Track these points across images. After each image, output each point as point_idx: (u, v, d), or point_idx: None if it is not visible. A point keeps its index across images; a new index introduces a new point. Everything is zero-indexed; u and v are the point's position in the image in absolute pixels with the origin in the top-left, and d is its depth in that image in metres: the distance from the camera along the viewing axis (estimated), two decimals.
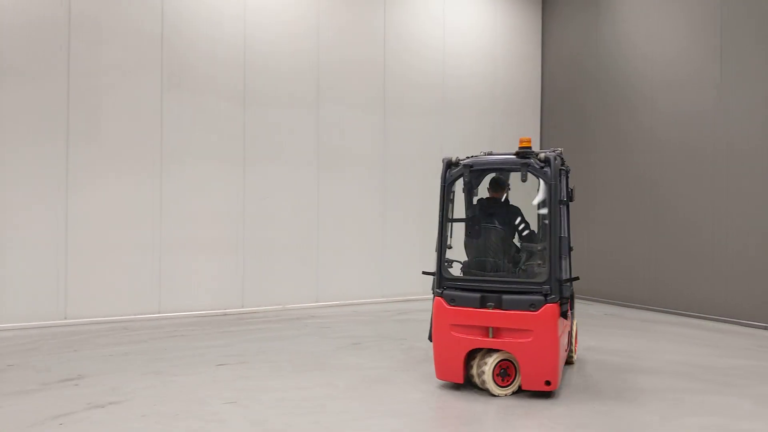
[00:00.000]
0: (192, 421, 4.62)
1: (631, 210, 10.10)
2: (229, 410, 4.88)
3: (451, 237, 5.85)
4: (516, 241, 5.87)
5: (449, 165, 5.65)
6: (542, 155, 5.38)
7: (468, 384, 5.47)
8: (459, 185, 5.88)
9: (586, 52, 11.04)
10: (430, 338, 5.56)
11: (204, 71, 9.46)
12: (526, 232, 5.88)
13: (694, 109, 9.08)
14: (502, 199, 6.04)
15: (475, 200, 6.10)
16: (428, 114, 11.19)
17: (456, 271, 5.70)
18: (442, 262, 5.56)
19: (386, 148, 10.79)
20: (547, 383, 5.09)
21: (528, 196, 5.89)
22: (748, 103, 8.36)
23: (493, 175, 5.89)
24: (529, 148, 5.49)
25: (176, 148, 9.27)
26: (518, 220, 5.91)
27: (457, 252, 5.92)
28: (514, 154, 5.48)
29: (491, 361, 5.24)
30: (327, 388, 5.46)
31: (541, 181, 5.43)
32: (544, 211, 5.46)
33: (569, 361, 6.20)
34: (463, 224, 6.06)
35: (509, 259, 5.69)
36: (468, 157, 5.73)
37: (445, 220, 5.65)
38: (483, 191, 6.13)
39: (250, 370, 6.07)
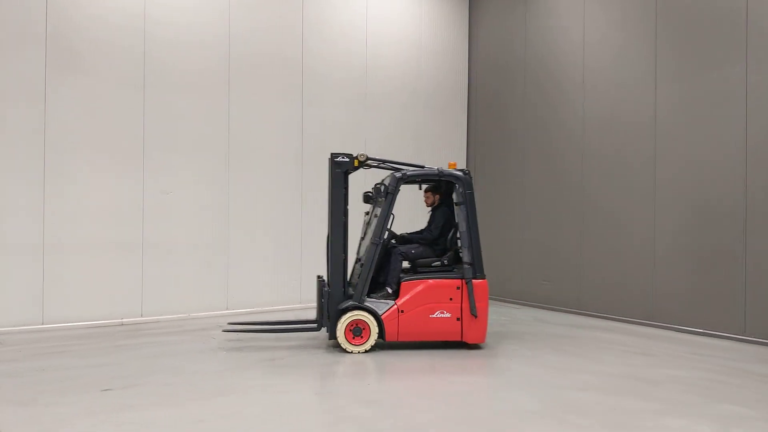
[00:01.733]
0: None
1: (559, 211, 9.75)
2: None
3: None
4: None
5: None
6: None
7: None
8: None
9: (515, 46, 10.63)
10: (474, 313, 6.78)
11: (97, 50, 8.32)
12: None
13: (626, 104, 8.79)
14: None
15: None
16: (350, 107, 10.40)
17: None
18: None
19: (305, 140, 9.94)
20: None
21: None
22: (680, 102, 8.13)
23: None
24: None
25: (64, 137, 8.11)
26: None
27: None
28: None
29: None
30: (231, 419, 4.62)
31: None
32: None
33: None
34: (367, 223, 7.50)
35: None
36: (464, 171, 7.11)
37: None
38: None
39: (139, 396, 5.13)
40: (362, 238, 7.51)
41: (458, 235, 7.04)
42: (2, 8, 7.76)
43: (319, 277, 7.23)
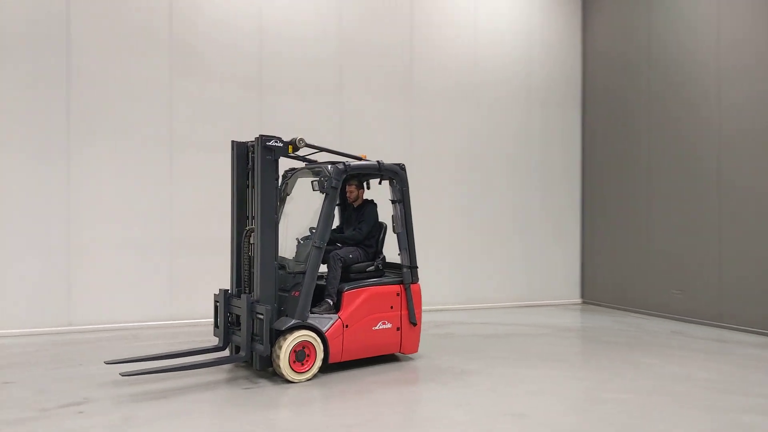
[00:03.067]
0: None
1: (693, 214, 9.01)
2: None
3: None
4: None
5: None
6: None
7: None
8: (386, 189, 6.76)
9: (637, 36, 9.91)
10: (414, 321, 6.28)
11: (216, 56, 8.59)
12: None
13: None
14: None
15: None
16: (457, 103, 10.08)
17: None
18: None
19: (412, 140, 9.77)
20: None
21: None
22: None
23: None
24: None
25: (186, 139, 8.44)
26: None
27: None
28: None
29: None
30: None
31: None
32: None
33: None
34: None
35: None
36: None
37: None
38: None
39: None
40: None
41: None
42: (127, 15, 8.13)
43: (225, 291, 5.96)
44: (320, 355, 5.60)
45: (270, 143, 5.62)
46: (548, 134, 10.83)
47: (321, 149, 6.07)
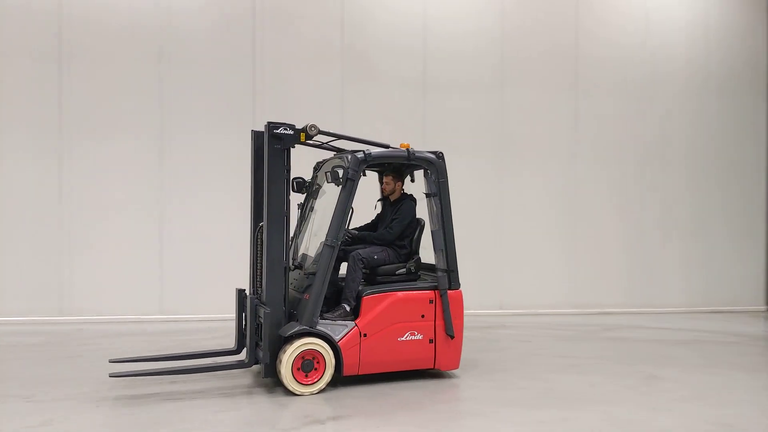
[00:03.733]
0: None
1: None
2: None
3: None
4: None
5: None
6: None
7: None
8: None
9: None
10: (451, 333, 5.37)
11: (383, 58, 8.84)
12: None
13: None
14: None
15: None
16: (628, 95, 9.50)
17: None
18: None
19: (577, 134, 9.36)
20: None
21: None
22: None
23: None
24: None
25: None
26: None
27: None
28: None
29: None
30: None
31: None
32: None
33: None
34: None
35: None
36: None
37: None
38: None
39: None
40: (293, 238, 5.80)
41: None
42: (304, 27, 8.59)
43: (240, 291, 5.55)
44: (330, 366, 5.00)
45: (278, 131, 5.06)
46: (729, 126, 9.93)
47: (339, 136, 5.46)
